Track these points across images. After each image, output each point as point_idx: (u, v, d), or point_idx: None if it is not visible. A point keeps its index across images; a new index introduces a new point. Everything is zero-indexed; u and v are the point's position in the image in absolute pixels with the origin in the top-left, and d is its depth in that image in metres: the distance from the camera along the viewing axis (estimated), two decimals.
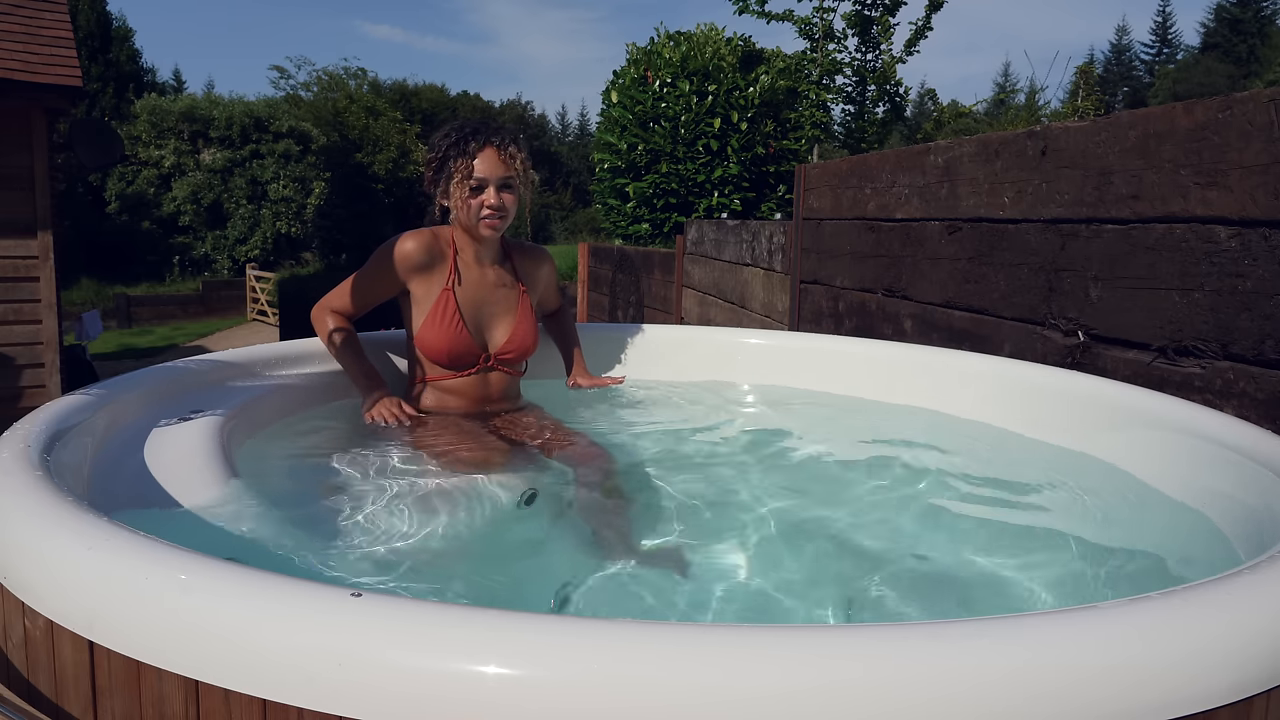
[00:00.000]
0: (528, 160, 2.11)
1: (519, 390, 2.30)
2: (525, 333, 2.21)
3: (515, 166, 2.07)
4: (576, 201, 37.60)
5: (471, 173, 2.03)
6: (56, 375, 6.71)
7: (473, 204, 2.05)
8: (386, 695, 0.78)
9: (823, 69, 8.43)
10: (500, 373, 2.18)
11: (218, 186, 23.91)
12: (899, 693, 0.77)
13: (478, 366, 2.14)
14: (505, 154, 2.05)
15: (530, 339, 2.22)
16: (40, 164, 6.54)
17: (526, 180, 2.12)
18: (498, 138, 2.06)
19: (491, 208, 2.05)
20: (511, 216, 2.11)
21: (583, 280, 9.71)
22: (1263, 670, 0.85)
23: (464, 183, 2.04)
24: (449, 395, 2.14)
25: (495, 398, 2.18)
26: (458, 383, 2.14)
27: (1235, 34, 44.65)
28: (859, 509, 1.78)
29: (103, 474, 1.46)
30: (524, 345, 2.21)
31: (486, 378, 2.16)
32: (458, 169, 2.04)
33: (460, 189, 2.05)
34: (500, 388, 2.19)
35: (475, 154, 2.04)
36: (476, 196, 2.05)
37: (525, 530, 1.70)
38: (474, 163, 2.03)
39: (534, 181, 2.17)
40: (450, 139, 2.08)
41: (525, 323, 2.21)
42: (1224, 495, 1.50)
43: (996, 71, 79.99)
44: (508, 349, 2.17)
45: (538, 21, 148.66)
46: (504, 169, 2.05)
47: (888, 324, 3.43)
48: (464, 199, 2.05)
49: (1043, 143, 2.54)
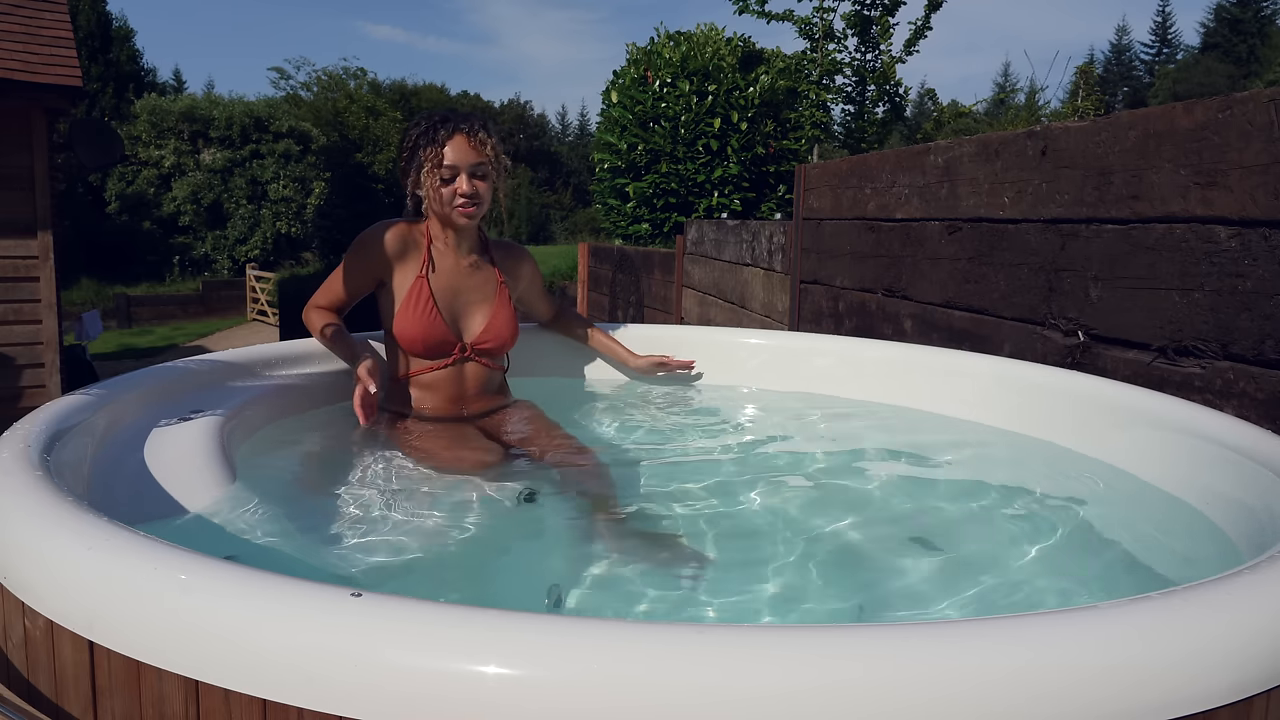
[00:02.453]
0: (499, 146, 2.08)
1: (503, 386, 2.27)
2: (503, 323, 2.18)
3: (486, 153, 2.04)
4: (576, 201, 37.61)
5: (442, 161, 2.01)
6: (56, 375, 6.71)
7: (444, 192, 2.04)
8: (386, 695, 0.78)
9: (823, 69, 8.43)
10: (479, 364, 2.16)
11: (218, 186, 23.91)
12: (899, 693, 0.77)
13: (454, 357, 2.12)
14: (475, 140, 2.03)
15: (508, 330, 2.19)
16: (40, 164, 6.54)
17: (499, 166, 2.09)
18: (467, 124, 2.04)
19: (465, 195, 2.03)
20: (487, 203, 2.09)
21: (583, 280, 9.71)
22: (1263, 670, 0.85)
23: (435, 171, 2.02)
24: (428, 388, 2.13)
25: (474, 392, 2.16)
26: (436, 375, 2.12)
27: (1235, 34, 44.65)
28: (858, 508, 1.78)
29: (103, 474, 1.46)
30: (501, 335, 2.18)
31: (464, 370, 2.14)
32: (428, 158, 2.02)
33: (431, 178, 2.03)
34: (479, 381, 2.16)
35: (445, 142, 2.02)
36: (449, 185, 2.04)
37: (524, 530, 1.70)
38: (444, 150, 2.01)
39: (507, 167, 2.14)
40: (420, 128, 2.06)
41: (503, 313, 2.18)
42: (1224, 495, 1.50)
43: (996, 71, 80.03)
44: (485, 339, 2.15)
45: (538, 22, 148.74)
46: (475, 155, 2.03)
47: (888, 324, 3.43)
48: (436, 188, 2.03)
49: (1043, 143, 2.54)
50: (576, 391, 2.55)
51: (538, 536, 1.69)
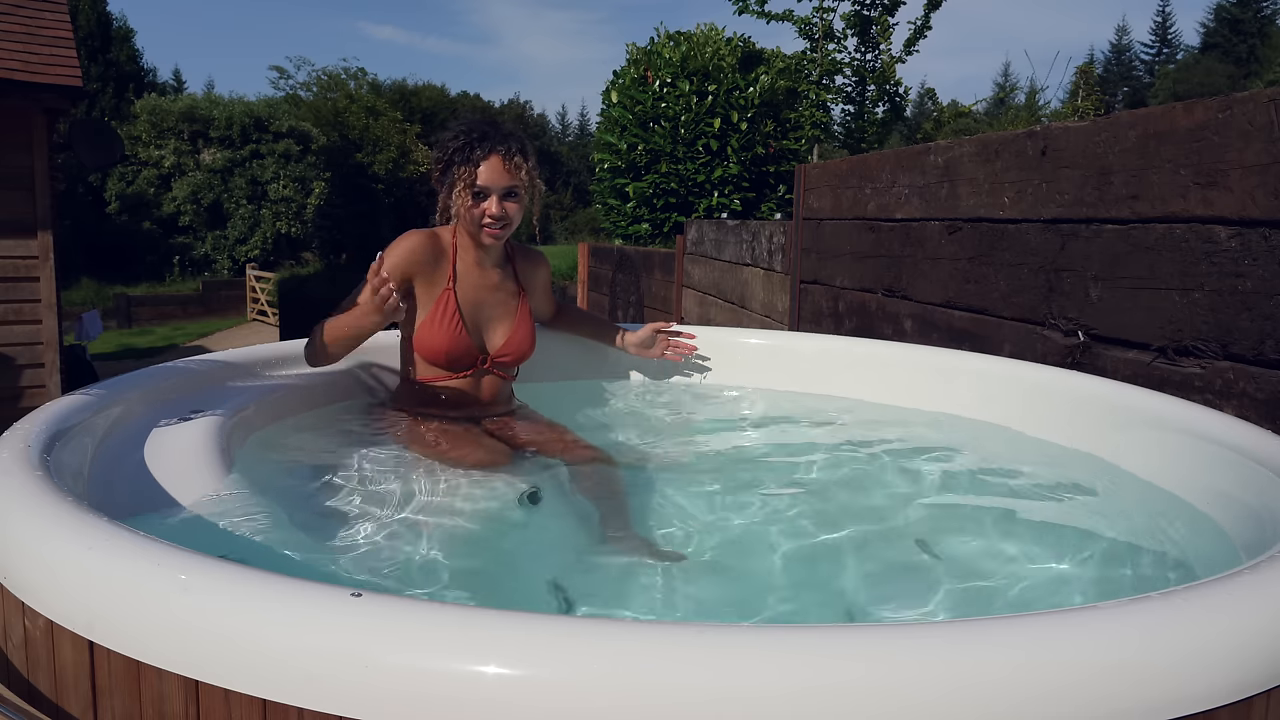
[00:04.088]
0: (535, 169, 2.07)
1: (512, 393, 2.29)
2: (523, 336, 2.20)
3: (521, 176, 2.03)
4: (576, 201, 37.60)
5: (475, 180, 2.00)
6: (56, 375, 6.71)
7: (474, 212, 2.03)
8: (386, 695, 0.78)
9: (822, 69, 8.43)
10: (494, 376, 2.17)
11: (218, 186, 23.91)
12: (899, 693, 0.77)
13: (474, 368, 2.13)
14: (510, 163, 2.02)
15: (528, 343, 2.21)
16: (40, 164, 6.54)
17: (533, 189, 2.08)
18: (504, 146, 2.02)
19: (493, 217, 2.03)
20: (515, 225, 2.09)
21: (583, 280, 9.71)
22: (1263, 670, 0.85)
23: (466, 190, 2.01)
24: (442, 396, 2.13)
25: (487, 400, 2.18)
26: (452, 384, 2.13)
27: (1235, 34, 44.64)
28: (858, 508, 1.78)
29: (103, 474, 1.46)
30: (521, 349, 2.20)
31: (480, 380, 2.16)
32: (461, 176, 2.01)
33: (463, 196, 2.01)
34: (493, 391, 2.18)
35: (479, 162, 2.00)
36: (479, 204, 2.03)
37: (524, 531, 1.70)
38: (478, 170, 2.00)
39: (541, 190, 2.14)
40: (457, 143, 2.04)
41: (524, 326, 2.20)
42: (1224, 495, 1.51)
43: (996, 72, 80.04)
44: (505, 352, 2.17)
45: (539, 22, 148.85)
46: (508, 178, 2.02)
47: (888, 324, 3.43)
48: (467, 206, 2.03)
49: (1043, 143, 2.54)
50: (580, 392, 2.55)
51: (540, 537, 1.69)
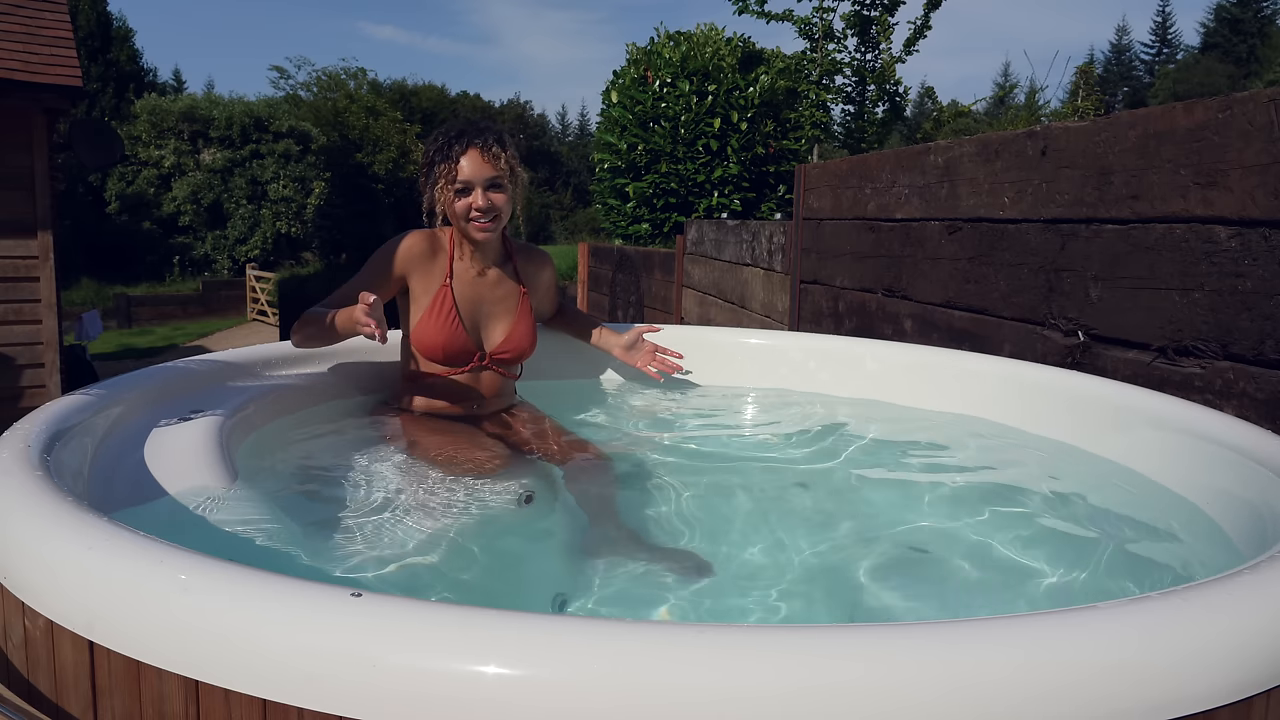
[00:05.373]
0: (515, 157, 2.08)
1: (513, 390, 2.29)
2: (523, 334, 2.19)
3: (501, 166, 2.04)
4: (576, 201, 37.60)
5: (456, 176, 2.02)
6: (56, 375, 6.71)
7: (459, 207, 2.05)
8: (386, 695, 0.78)
9: (822, 69, 8.43)
10: (494, 373, 2.17)
11: (218, 186, 23.91)
12: (899, 693, 0.77)
13: (472, 365, 2.13)
14: (489, 154, 2.03)
15: (528, 340, 2.21)
16: (40, 164, 6.54)
17: (516, 178, 2.09)
18: (480, 139, 2.04)
19: (479, 209, 2.04)
20: (505, 216, 2.09)
21: (583, 280, 9.71)
22: (1263, 670, 0.85)
23: (449, 187, 2.03)
24: (441, 393, 2.13)
25: (487, 397, 2.17)
26: (450, 381, 2.13)
27: (1235, 34, 44.64)
28: (858, 508, 1.78)
29: (103, 474, 1.45)
30: (521, 346, 2.20)
31: (479, 377, 2.15)
32: (442, 174, 2.03)
33: (446, 193, 2.04)
34: (494, 388, 2.18)
35: (459, 157, 2.02)
36: (463, 199, 2.04)
37: (524, 531, 1.70)
38: (458, 166, 2.02)
39: (524, 179, 2.14)
40: (436, 144, 2.07)
41: (524, 324, 2.20)
42: (1224, 495, 1.51)
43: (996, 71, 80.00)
44: (504, 349, 2.17)
45: (539, 22, 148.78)
46: (489, 169, 2.03)
47: (888, 324, 3.43)
48: (451, 203, 2.05)
49: (1043, 143, 2.54)
50: (579, 393, 2.55)
51: (539, 538, 1.69)
